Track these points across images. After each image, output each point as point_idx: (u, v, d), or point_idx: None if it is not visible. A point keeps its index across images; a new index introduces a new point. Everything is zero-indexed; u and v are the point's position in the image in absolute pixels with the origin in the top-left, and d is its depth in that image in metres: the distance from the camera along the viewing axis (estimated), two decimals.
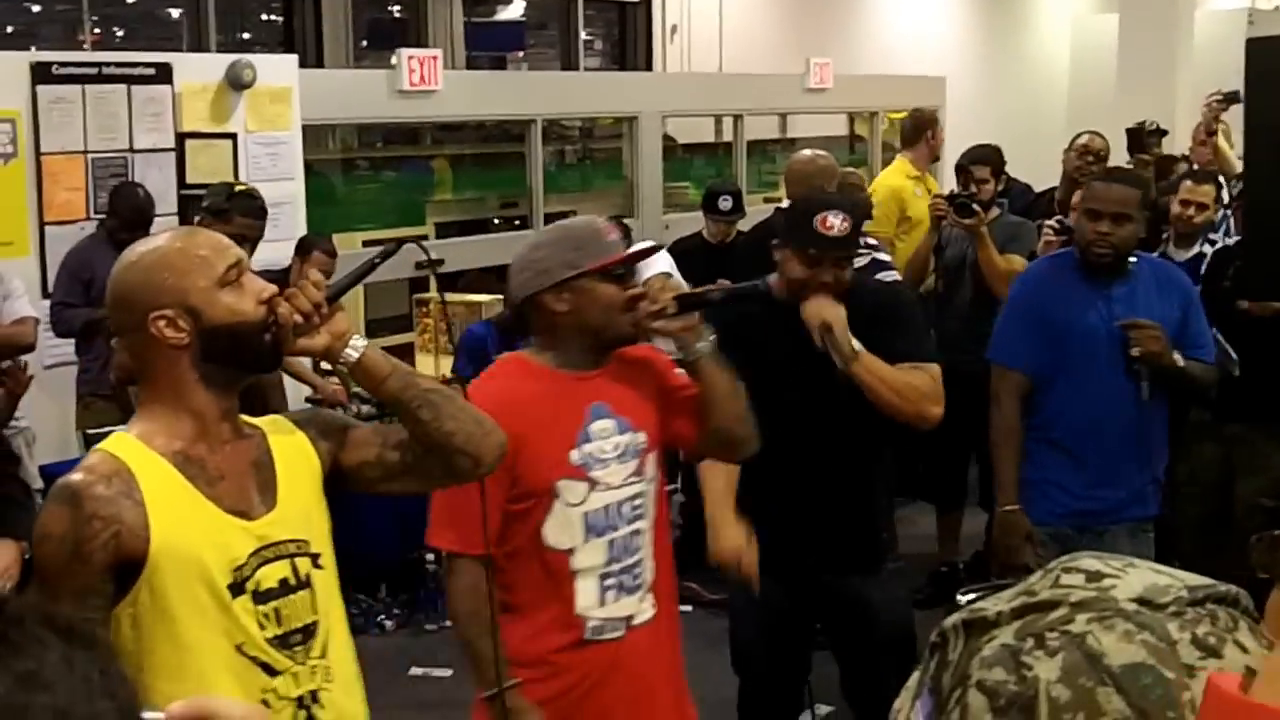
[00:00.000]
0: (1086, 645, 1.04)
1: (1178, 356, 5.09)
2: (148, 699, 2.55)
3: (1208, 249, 6.90)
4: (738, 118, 12.41)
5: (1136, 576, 1.10)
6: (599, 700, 3.64)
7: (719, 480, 4.50)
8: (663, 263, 8.06)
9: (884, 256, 7.67)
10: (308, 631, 2.90)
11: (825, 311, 4.36)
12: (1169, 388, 5.22)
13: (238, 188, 6.71)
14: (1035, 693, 1.03)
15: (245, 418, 2.96)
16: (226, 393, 2.86)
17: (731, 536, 4.40)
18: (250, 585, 2.81)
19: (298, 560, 2.90)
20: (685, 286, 8.08)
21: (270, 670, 2.83)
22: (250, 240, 6.48)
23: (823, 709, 5.88)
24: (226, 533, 2.80)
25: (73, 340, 7.43)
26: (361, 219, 10.51)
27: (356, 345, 2.90)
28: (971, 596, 4.40)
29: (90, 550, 2.68)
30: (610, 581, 3.63)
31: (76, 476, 2.74)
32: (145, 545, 2.71)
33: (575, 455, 3.58)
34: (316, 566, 2.94)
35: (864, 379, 4.37)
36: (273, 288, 2.86)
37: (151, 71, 8.11)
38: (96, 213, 7.79)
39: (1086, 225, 5.14)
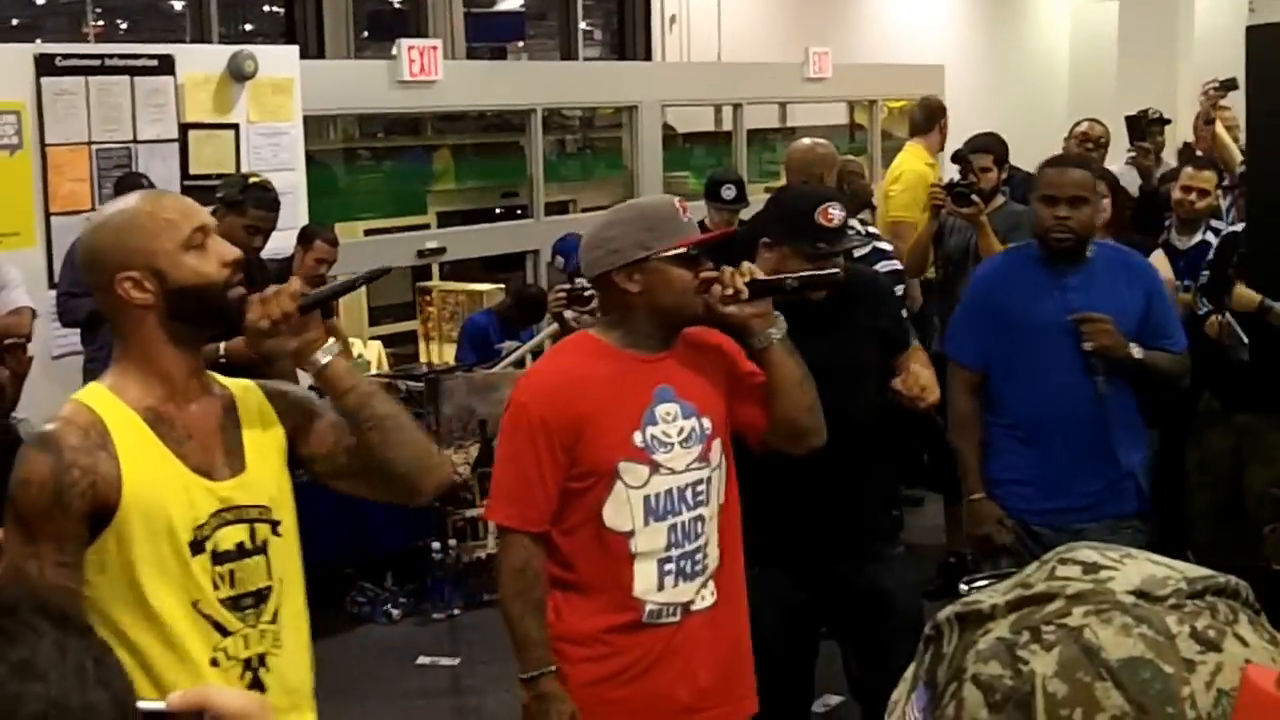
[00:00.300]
0: (1084, 639, 1.03)
1: (1135, 348, 4.95)
2: (115, 649, 2.64)
3: (1211, 236, 6.89)
4: (737, 107, 12.37)
5: (1134, 568, 1.08)
6: (652, 684, 3.60)
7: None
8: None
9: (885, 245, 7.64)
10: (260, 596, 2.96)
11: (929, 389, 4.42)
12: (1131, 380, 5.08)
13: (252, 179, 6.69)
14: (1032, 688, 1.02)
15: (216, 377, 3.04)
16: (193, 350, 2.95)
17: None
18: (209, 545, 2.88)
19: (257, 526, 2.96)
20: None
21: (222, 630, 2.90)
22: (263, 231, 6.49)
23: (833, 699, 5.88)
24: (191, 490, 2.87)
25: (79, 330, 7.42)
26: (363, 209, 10.51)
27: (328, 351, 2.98)
28: (974, 586, 4.38)
29: (70, 498, 2.75)
30: (670, 566, 3.58)
31: (54, 426, 2.81)
32: (118, 496, 2.79)
33: (638, 437, 3.54)
34: (275, 534, 2.99)
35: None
36: (237, 252, 2.96)
37: (154, 63, 8.11)
38: (102, 203, 7.77)
39: (1045, 212, 4.99)
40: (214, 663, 2.89)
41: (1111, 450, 5.05)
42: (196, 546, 2.86)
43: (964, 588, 1.36)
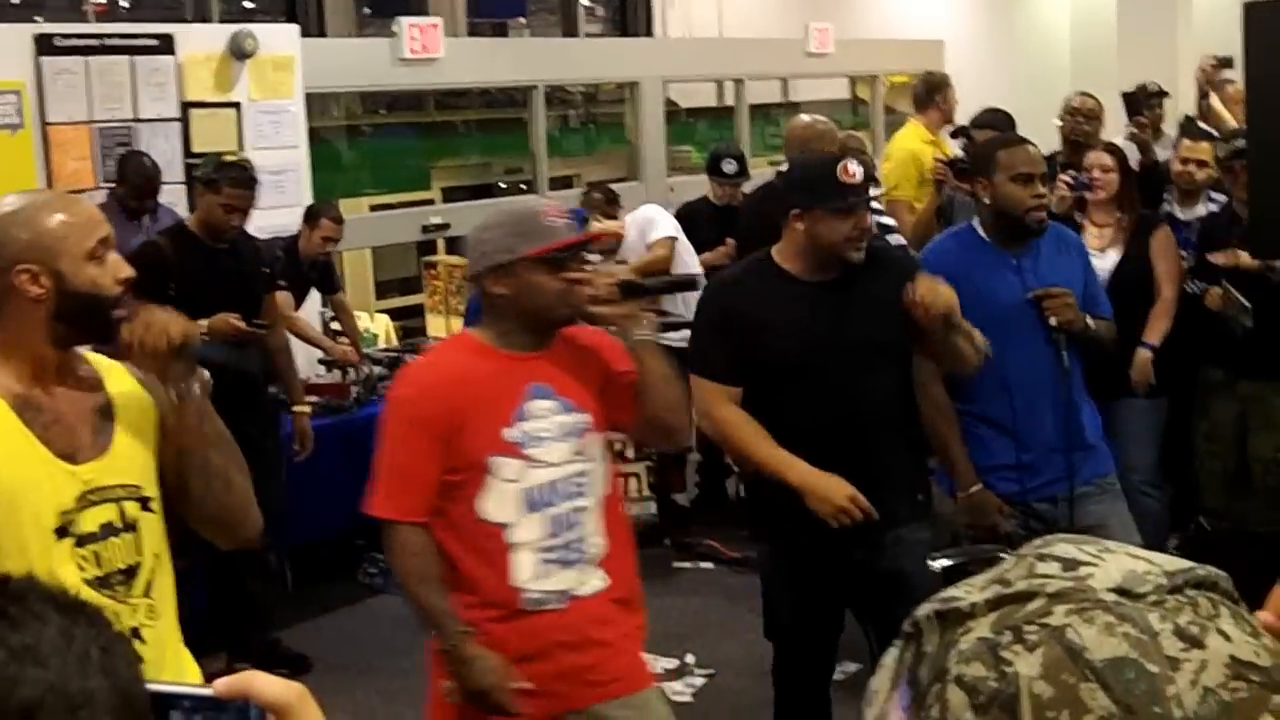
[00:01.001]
0: (1067, 639, 1.00)
1: (1089, 319, 5.03)
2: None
3: (1213, 208, 6.89)
4: (739, 82, 12.33)
5: (1113, 563, 1.05)
6: (541, 670, 3.69)
7: (768, 443, 4.46)
8: (668, 226, 8.03)
9: (889, 220, 7.63)
10: (130, 572, 3.00)
11: (941, 300, 4.37)
12: (1082, 351, 5.12)
13: (227, 158, 6.66)
14: (1016, 690, 0.99)
15: (90, 358, 3.10)
16: (67, 349, 3.01)
17: (835, 484, 4.32)
18: (74, 530, 2.91)
19: (125, 504, 3.00)
20: (690, 251, 8.08)
21: None
22: (240, 210, 6.43)
23: (851, 666, 5.86)
24: (56, 477, 2.90)
25: None
26: (367, 184, 10.51)
27: (189, 391, 3.04)
28: (944, 563, 4.32)
29: None
30: (550, 556, 3.69)
31: None
32: None
33: (509, 433, 3.65)
34: (146, 510, 3.04)
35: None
36: (130, 271, 3.03)
37: (154, 42, 8.07)
38: (105, 181, 7.75)
39: (1020, 192, 4.92)
40: None
41: (1078, 419, 5.08)
42: (61, 532, 2.90)
43: (934, 565, 1.33)
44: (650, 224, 8.03)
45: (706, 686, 6.38)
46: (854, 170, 4.36)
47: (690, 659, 6.55)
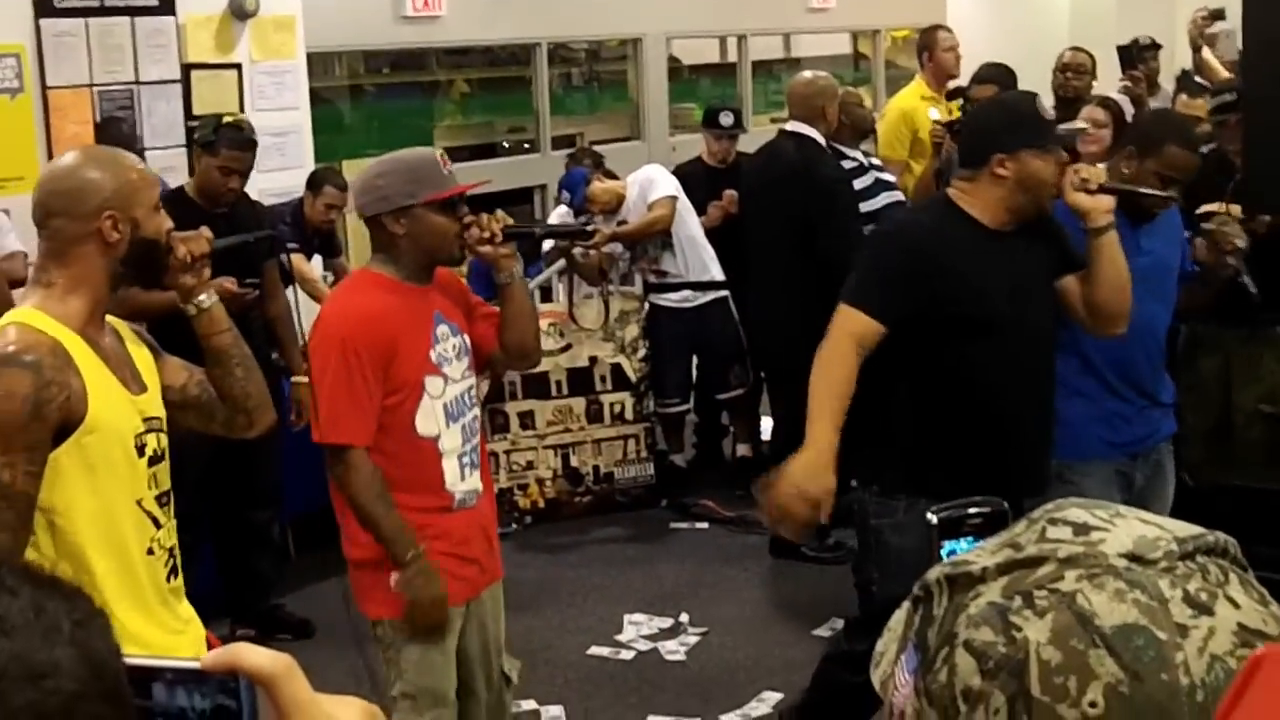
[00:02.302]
0: (1077, 605, 0.99)
1: None
2: (77, 550, 3.11)
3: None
4: (741, 38, 12.27)
5: (1124, 528, 1.04)
6: (463, 554, 4.23)
7: (832, 398, 4.31)
8: (668, 185, 7.99)
9: (888, 176, 7.61)
10: (169, 495, 3.38)
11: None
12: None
13: (225, 119, 6.58)
14: (1025, 655, 0.98)
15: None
16: (115, 292, 3.33)
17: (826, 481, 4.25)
18: (146, 450, 3.28)
19: (160, 435, 3.36)
20: (691, 211, 8.05)
21: (156, 523, 3.33)
22: (238, 172, 6.35)
23: (839, 622, 5.88)
24: (126, 404, 3.25)
25: None
26: (370, 145, 10.44)
27: (210, 298, 3.44)
28: (944, 515, 4.34)
29: (49, 412, 3.06)
30: (465, 460, 4.22)
31: (23, 347, 3.09)
32: (84, 409, 3.13)
33: (433, 354, 4.14)
34: (168, 444, 3.39)
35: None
36: (170, 224, 3.37)
37: (155, 3, 7.99)
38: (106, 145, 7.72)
39: (1158, 186, 4.82)
40: (150, 551, 3.31)
41: (1165, 375, 5.29)
42: (140, 450, 3.26)
43: (931, 517, 1.31)
44: (651, 184, 8.00)
45: (700, 645, 6.40)
46: (1050, 109, 4.49)
47: (685, 618, 6.57)
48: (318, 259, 8.16)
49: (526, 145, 11.11)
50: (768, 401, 8.06)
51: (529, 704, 5.72)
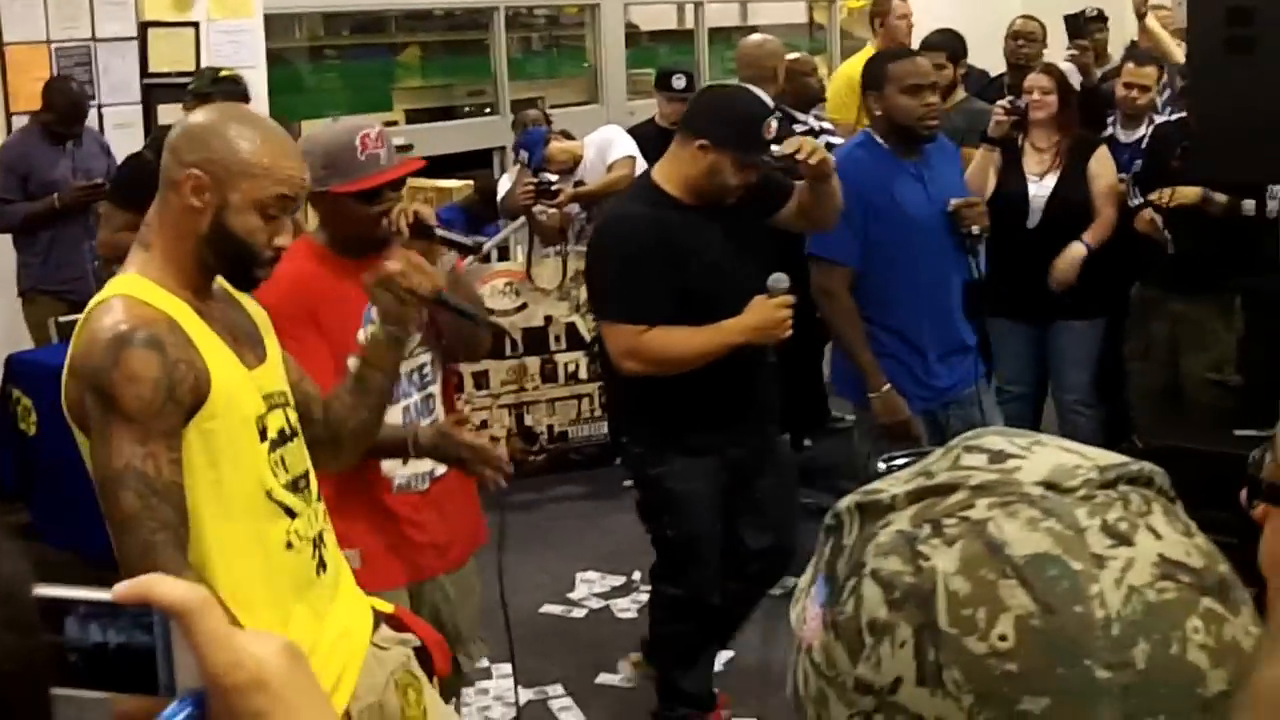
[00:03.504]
0: (988, 534, 0.91)
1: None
2: (202, 557, 2.73)
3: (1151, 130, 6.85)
4: (698, 5, 12.17)
5: (1043, 456, 0.97)
6: (411, 538, 3.92)
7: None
8: (627, 145, 7.89)
9: (836, 140, 7.53)
10: (306, 477, 2.99)
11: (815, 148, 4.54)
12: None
13: (222, 73, 6.50)
14: (933, 586, 0.91)
15: None
16: (207, 275, 2.91)
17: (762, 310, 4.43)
18: (268, 433, 2.88)
19: (286, 410, 2.97)
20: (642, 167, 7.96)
21: (290, 513, 2.92)
22: None
23: (790, 580, 5.83)
24: (246, 381, 2.86)
25: (9, 236, 7.28)
26: (329, 106, 10.31)
27: (408, 335, 3.25)
28: (894, 464, 4.36)
29: (182, 393, 2.71)
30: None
31: (139, 323, 2.72)
32: (208, 389, 2.76)
33: (361, 335, 3.60)
34: (296, 419, 3.02)
35: None
36: (289, 242, 2.91)
37: None
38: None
39: (911, 102, 5.13)
40: (289, 545, 2.92)
41: (966, 323, 5.40)
42: (262, 435, 2.87)
43: (882, 466, 1.24)
44: (609, 144, 7.90)
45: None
46: (773, 129, 4.44)
47: (637, 576, 6.48)
48: None
49: (486, 108, 11.01)
50: None
51: (480, 662, 5.65)
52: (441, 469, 3.95)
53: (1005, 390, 6.90)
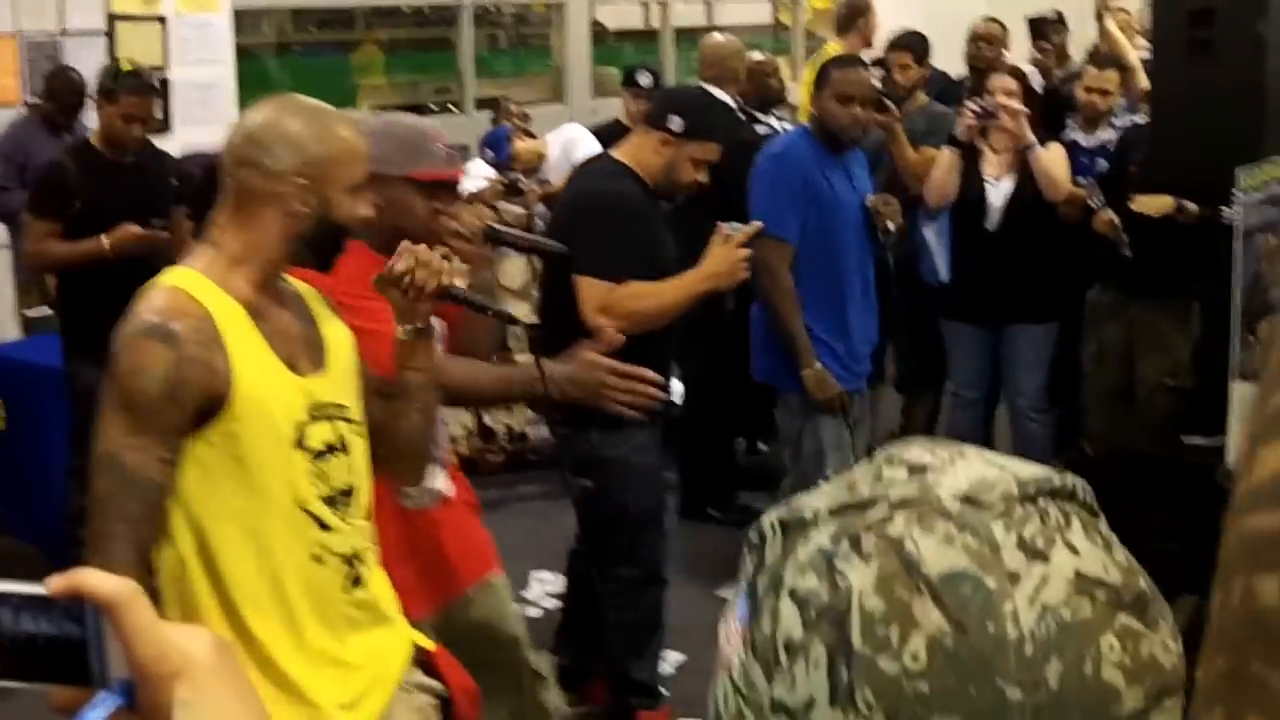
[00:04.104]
0: (904, 551, 0.89)
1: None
2: (215, 558, 2.72)
3: (1113, 135, 6.84)
4: (664, 5, 12.17)
5: (963, 469, 0.94)
6: (425, 558, 3.77)
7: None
8: (592, 145, 7.87)
9: None
10: (349, 493, 2.91)
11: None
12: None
13: (124, 67, 6.39)
14: (847, 604, 0.89)
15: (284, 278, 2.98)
16: (290, 266, 2.91)
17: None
18: (307, 443, 2.82)
19: (339, 424, 2.90)
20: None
21: (322, 525, 2.85)
22: (140, 119, 6.18)
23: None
24: (289, 387, 2.81)
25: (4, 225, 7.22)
26: None
27: (428, 329, 3.06)
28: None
29: (186, 393, 2.66)
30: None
31: (168, 316, 2.69)
32: (229, 391, 2.70)
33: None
34: (355, 434, 2.95)
35: None
36: (371, 211, 2.94)
37: None
38: (32, 95, 7.54)
39: (842, 110, 5.37)
40: (317, 559, 2.86)
41: (876, 315, 5.67)
42: (298, 443, 2.81)
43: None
44: (574, 143, 7.88)
45: None
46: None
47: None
48: None
49: (451, 106, 10.98)
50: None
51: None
52: (444, 487, 3.80)
53: (959, 395, 6.89)
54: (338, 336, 2.99)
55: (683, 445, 7.22)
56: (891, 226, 5.47)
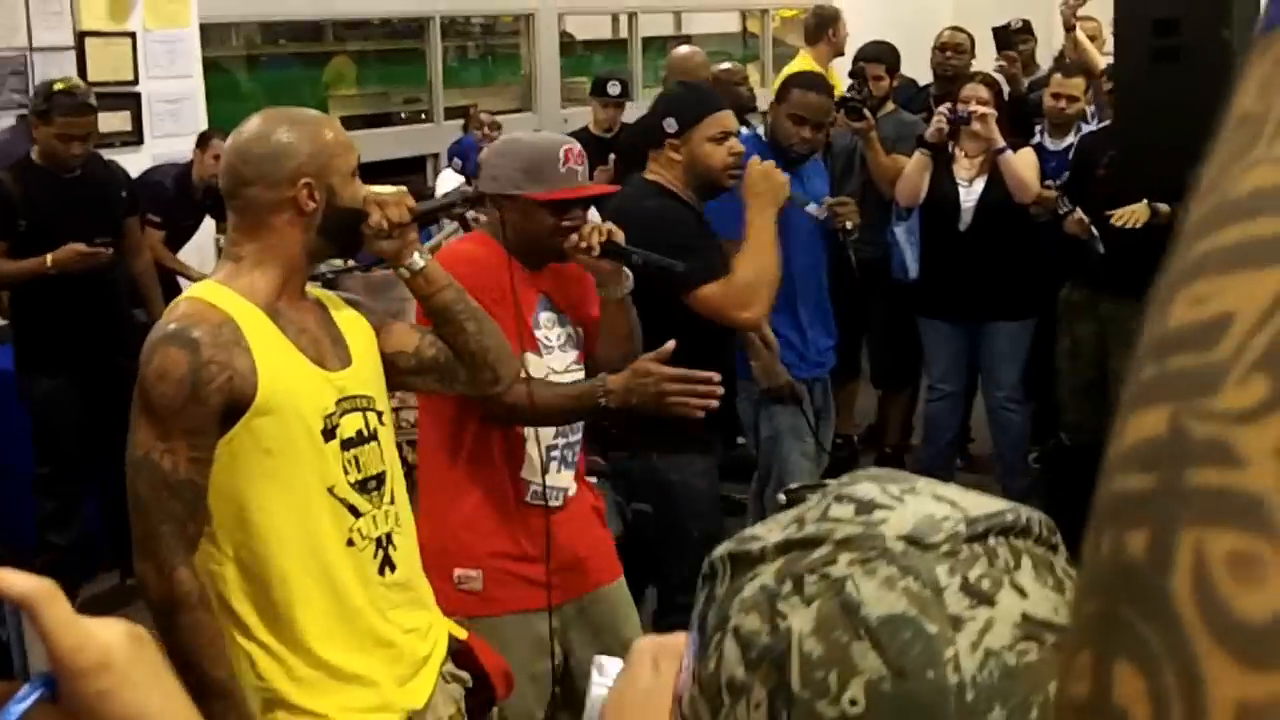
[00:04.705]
0: (845, 593, 0.87)
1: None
2: (263, 549, 2.86)
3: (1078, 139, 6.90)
4: (632, 15, 12.16)
5: (912, 506, 0.92)
6: (537, 559, 3.71)
7: None
8: None
9: None
10: (380, 479, 3.05)
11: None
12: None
13: (57, 86, 6.25)
14: (786, 646, 0.87)
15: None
16: (312, 263, 3.09)
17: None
18: (339, 432, 2.95)
19: (368, 414, 3.04)
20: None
21: (355, 511, 2.98)
22: (78, 138, 6.04)
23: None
24: (315, 382, 2.94)
25: None
26: None
27: (423, 256, 3.11)
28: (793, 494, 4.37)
29: (208, 393, 2.78)
30: (555, 454, 3.78)
31: (187, 323, 2.82)
32: (253, 390, 2.82)
33: (536, 333, 3.73)
34: (381, 423, 3.08)
35: None
36: (369, 190, 3.03)
37: None
38: (1, 108, 7.49)
39: (793, 129, 5.44)
40: (350, 543, 2.99)
41: (831, 312, 5.82)
42: (328, 434, 2.93)
43: (781, 498, 1.19)
44: None
45: None
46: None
47: None
48: (209, 223, 7.92)
49: (422, 116, 10.95)
50: None
51: None
52: (573, 489, 3.86)
53: (936, 388, 6.99)
54: (361, 334, 3.11)
55: None
56: (850, 225, 5.56)
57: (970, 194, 6.63)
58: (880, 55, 7.68)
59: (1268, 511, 0.40)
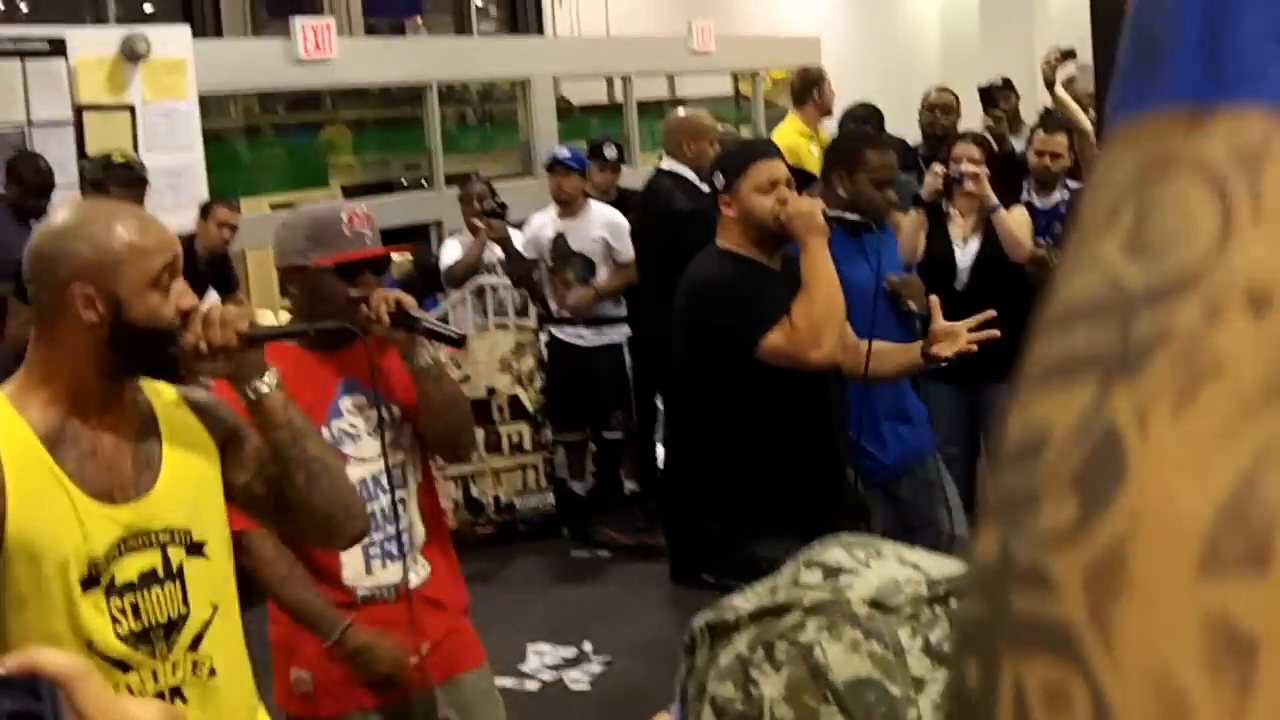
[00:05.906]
0: (813, 658, 0.90)
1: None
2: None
3: (1068, 195, 6.93)
4: (627, 80, 12.26)
5: (877, 570, 0.95)
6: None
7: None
8: (630, 247, 7.74)
9: None
10: (172, 626, 2.64)
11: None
12: None
13: (115, 159, 6.38)
14: (759, 713, 0.90)
15: (144, 384, 2.71)
16: (117, 382, 2.62)
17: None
18: (105, 579, 2.55)
19: (170, 549, 2.64)
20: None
21: (124, 667, 2.58)
22: None
23: None
24: (87, 521, 2.53)
25: None
26: (266, 184, 10.30)
27: (266, 383, 2.73)
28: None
29: None
30: (373, 551, 3.51)
31: None
32: (1, 533, 2.47)
33: (324, 433, 3.38)
34: (197, 554, 2.68)
35: None
36: (193, 300, 2.66)
37: (45, 46, 7.84)
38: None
39: (877, 194, 5.19)
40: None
41: (913, 395, 5.53)
42: (90, 582, 2.53)
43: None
44: (621, 233, 7.75)
45: (604, 674, 6.21)
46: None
47: (588, 646, 6.41)
48: (213, 295, 7.94)
49: (423, 182, 11.02)
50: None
51: None
52: (419, 575, 3.60)
53: (942, 451, 6.95)
54: (191, 449, 2.72)
55: (667, 510, 7.24)
56: (914, 307, 5.38)
57: (966, 253, 6.61)
58: (866, 116, 7.76)
59: (1077, 642, 0.39)
